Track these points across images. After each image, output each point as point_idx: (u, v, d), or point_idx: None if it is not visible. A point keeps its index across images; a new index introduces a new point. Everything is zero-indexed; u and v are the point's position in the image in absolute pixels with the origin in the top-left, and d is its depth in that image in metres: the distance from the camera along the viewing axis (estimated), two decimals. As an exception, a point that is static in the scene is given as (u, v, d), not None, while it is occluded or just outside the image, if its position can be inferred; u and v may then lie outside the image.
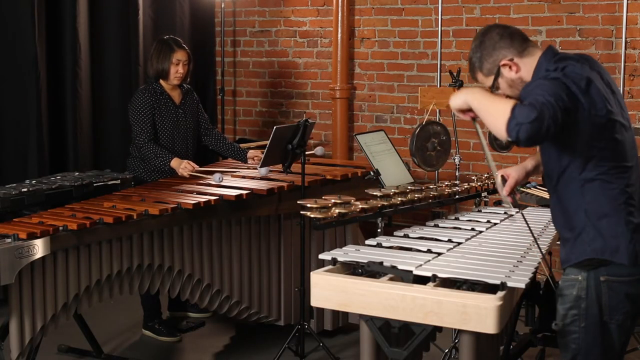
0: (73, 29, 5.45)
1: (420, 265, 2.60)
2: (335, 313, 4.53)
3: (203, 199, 3.88)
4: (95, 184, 4.14)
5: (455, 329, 3.28)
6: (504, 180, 2.74)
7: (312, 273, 2.58)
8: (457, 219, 3.47)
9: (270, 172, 4.48)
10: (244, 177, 4.47)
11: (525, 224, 2.76)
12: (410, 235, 3.12)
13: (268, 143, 4.08)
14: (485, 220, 3.42)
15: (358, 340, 2.59)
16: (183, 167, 4.40)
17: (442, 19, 5.69)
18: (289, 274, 4.43)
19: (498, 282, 2.43)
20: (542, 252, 2.75)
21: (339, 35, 6.12)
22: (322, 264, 3.52)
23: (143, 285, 3.79)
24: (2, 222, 3.45)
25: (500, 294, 2.34)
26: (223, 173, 4.40)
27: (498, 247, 2.93)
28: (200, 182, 4.30)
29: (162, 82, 4.56)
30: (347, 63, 6.18)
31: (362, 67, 6.23)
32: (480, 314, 2.30)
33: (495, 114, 2.35)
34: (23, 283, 3.26)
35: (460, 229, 3.26)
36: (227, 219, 4.10)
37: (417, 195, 3.46)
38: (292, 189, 4.22)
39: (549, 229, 3.26)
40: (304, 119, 4.14)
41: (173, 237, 3.86)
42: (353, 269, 2.67)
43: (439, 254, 2.79)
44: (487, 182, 3.86)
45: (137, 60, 5.85)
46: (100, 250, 3.54)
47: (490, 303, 2.30)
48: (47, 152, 5.26)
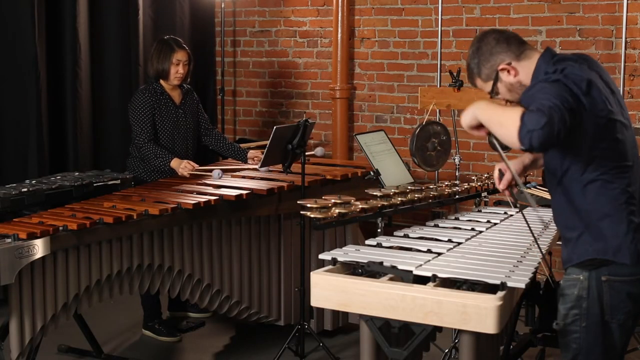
0: (73, 29, 5.45)
1: (420, 265, 2.60)
2: (335, 313, 4.53)
3: (203, 199, 3.88)
4: (95, 184, 4.14)
5: (455, 329, 3.28)
6: (501, 175, 2.75)
7: (312, 273, 2.58)
8: (457, 219, 3.47)
9: (270, 171, 4.48)
10: (244, 177, 4.47)
11: (526, 224, 2.76)
12: (410, 235, 3.12)
13: (268, 143, 4.08)
14: (485, 220, 3.41)
15: (358, 340, 2.59)
16: (183, 167, 4.40)
17: (442, 19, 5.69)
18: (289, 274, 4.43)
19: (498, 282, 2.43)
20: (542, 251, 2.75)
21: (339, 35, 6.12)
22: (322, 264, 3.52)
23: (143, 285, 3.79)
24: (2, 222, 3.45)
25: (500, 294, 2.34)
26: (223, 172, 4.40)
27: (498, 247, 2.93)
28: (200, 182, 4.30)
29: (162, 82, 4.56)
30: (347, 63, 6.18)
31: (362, 67, 6.23)
32: (480, 314, 2.30)
33: (505, 124, 2.33)
34: (23, 283, 3.26)
35: (460, 229, 3.26)
36: (227, 219, 4.10)
37: (417, 195, 3.46)
38: (292, 189, 4.22)
39: (549, 229, 3.26)
40: (304, 119, 4.14)
41: (173, 237, 3.86)
42: (353, 269, 2.67)
43: (439, 254, 2.79)
44: (487, 182, 3.86)
45: (137, 60, 5.85)
46: (100, 250, 3.54)
47: (490, 303, 2.30)
48: (47, 152, 5.26)
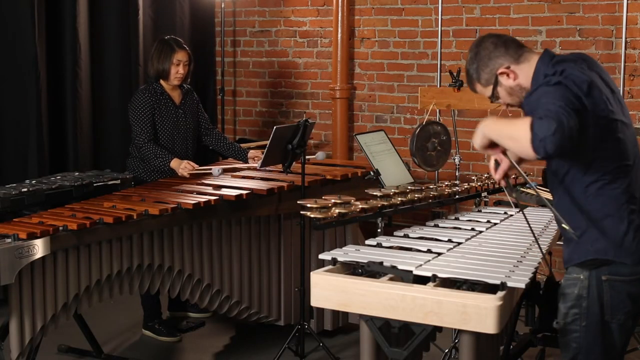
0: (73, 29, 5.45)
1: (420, 265, 2.60)
2: (335, 313, 4.53)
3: (203, 199, 3.88)
4: (95, 184, 4.14)
5: (455, 329, 3.28)
6: (497, 165, 2.75)
7: (312, 273, 2.58)
8: (457, 219, 3.47)
9: (270, 171, 4.49)
10: (244, 177, 4.47)
11: (526, 223, 2.76)
12: (410, 235, 3.12)
13: (268, 143, 4.09)
14: (485, 220, 3.41)
15: (358, 340, 2.59)
16: (183, 167, 4.40)
17: (442, 19, 5.69)
18: (289, 274, 4.43)
19: (498, 282, 2.43)
20: (542, 251, 2.75)
21: (339, 35, 6.12)
22: (322, 264, 3.52)
23: (143, 285, 3.79)
24: (2, 222, 3.45)
25: (500, 294, 2.33)
26: (223, 170, 4.40)
27: (498, 247, 2.93)
28: (200, 182, 4.30)
29: (162, 82, 4.56)
30: (347, 63, 6.18)
31: (362, 67, 6.23)
32: (480, 314, 2.30)
33: (516, 137, 2.32)
34: (23, 283, 3.26)
35: (460, 229, 3.26)
36: (227, 219, 4.10)
37: (417, 195, 3.46)
38: (292, 189, 4.22)
39: (549, 229, 3.26)
40: (304, 119, 4.14)
41: (173, 237, 3.86)
42: (353, 269, 2.67)
43: (439, 254, 2.79)
44: (487, 182, 3.86)
45: (137, 60, 5.85)
46: (100, 250, 3.54)
47: (490, 303, 2.30)
48: (47, 152, 5.26)
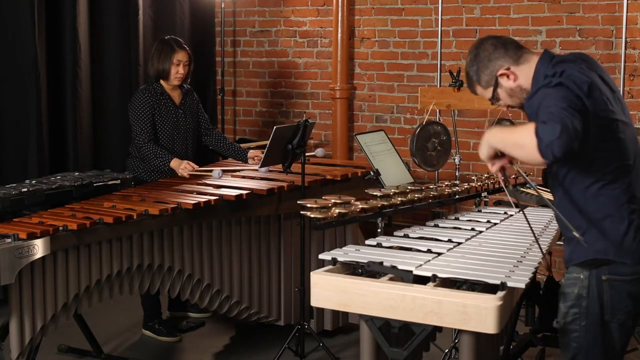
0: (73, 29, 5.45)
1: (420, 265, 2.60)
2: (335, 313, 4.53)
3: (203, 199, 3.88)
4: (95, 184, 4.14)
5: (455, 329, 3.28)
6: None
7: (312, 273, 2.58)
8: (457, 219, 3.47)
9: (270, 171, 4.49)
10: (244, 177, 4.47)
11: (527, 223, 2.76)
12: (410, 235, 3.12)
13: (268, 143, 4.08)
14: (485, 220, 3.42)
15: (358, 340, 2.59)
16: (183, 167, 4.40)
17: (442, 19, 5.69)
18: (289, 274, 4.43)
19: (498, 282, 2.43)
20: (542, 251, 2.75)
21: (339, 35, 6.12)
22: (322, 264, 3.52)
23: (143, 285, 3.79)
24: (2, 222, 3.45)
25: (500, 294, 2.34)
26: (223, 172, 4.40)
27: (498, 247, 2.93)
28: (200, 181, 4.31)
29: (162, 82, 4.56)
30: (347, 63, 6.18)
31: (362, 67, 6.23)
32: (480, 314, 2.30)
33: (522, 144, 2.32)
34: (23, 283, 3.26)
35: (460, 229, 3.26)
36: (227, 219, 4.10)
37: (417, 195, 3.46)
38: (292, 189, 4.22)
39: (549, 229, 3.26)
40: (304, 119, 4.14)
41: (173, 237, 3.86)
42: (353, 269, 2.67)
43: (439, 254, 2.79)
44: (487, 182, 3.86)
45: (137, 60, 5.85)
46: (100, 250, 3.54)
47: (490, 303, 2.30)
48: (47, 152, 5.26)
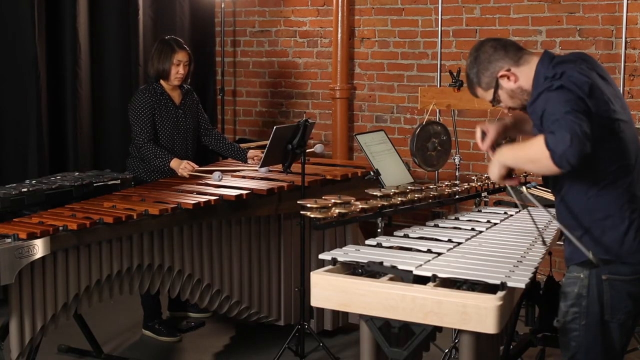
0: (73, 29, 5.45)
1: (420, 265, 2.60)
2: (335, 313, 4.53)
3: (203, 199, 3.88)
4: (95, 184, 4.14)
5: (455, 329, 3.28)
6: (484, 135, 2.75)
7: (312, 273, 2.58)
8: (457, 219, 3.47)
9: (270, 171, 4.49)
10: (244, 177, 4.47)
11: (530, 219, 2.76)
12: (410, 235, 3.12)
13: (268, 143, 4.08)
14: (485, 220, 3.41)
15: (358, 340, 2.59)
16: (183, 167, 4.40)
17: (442, 19, 5.69)
18: (289, 274, 4.43)
19: (498, 282, 2.43)
20: (545, 243, 2.73)
21: (339, 35, 6.12)
22: (322, 264, 3.52)
23: (143, 285, 3.79)
24: (2, 222, 3.45)
25: (500, 294, 2.33)
26: (223, 172, 4.40)
27: (498, 247, 2.93)
28: (200, 181, 4.31)
29: (162, 82, 4.56)
30: (347, 63, 6.18)
31: (362, 67, 6.23)
32: (480, 314, 2.30)
33: (535, 159, 2.33)
34: (23, 283, 3.26)
35: (460, 229, 3.26)
36: (227, 219, 4.10)
37: (417, 195, 3.46)
38: (292, 189, 4.22)
39: (550, 229, 3.26)
40: (304, 119, 4.14)
41: (173, 237, 3.86)
42: (353, 269, 2.67)
43: (439, 254, 2.79)
44: (487, 182, 3.86)
45: (137, 60, 5.85)
46: (100, 250, 3.54)
47: (490, 303, 2.30)
48: (47, 152, 5.26)
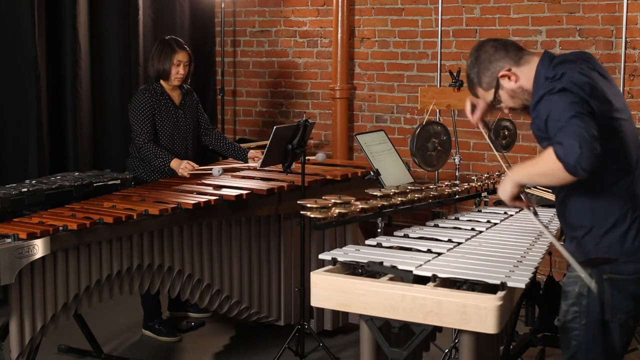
0: (73, 29, 5.45)
1: (420, 265, 2.60)
2: (335, 313, 4.53)
3: (203, 199, 3.88)
4: (95, 184, 4.13)
5: (455, 329, 3.28)
6: (474, 108, 2.75)
7: (312, 273, 2.58)
8: (457, 219, 3.47)
9: (270, 171, 4.49)
10: (244, 177, 4.47)
11: (534, 217, 2.75)
12: (410, 235, 3.12)
13: (268, 143, 4.08)
14: (485, 220, 3.41)
15: (358, 340, 2.59)
16: (183, 167, 4.40)
17: (442, 19, 5.69)
18: (289, 274, 4.43)
19: (498, 282, 2.43)
20: (552, 235, 2.72)
21: (339, 35, 6.12)
22: (322, 264, 3.52)
23: (143, 285, 3.79)
24: (2, 222, 3.45)
25: (500, 294, 2.33)
26: (223, 169, 4.40)
27: (498, 247, 2.93)
28: (200, 182, 4.30)
29: (162, 82, 4.56)
30: (347, 63, 6.18)
31: (362, 67, 6.23)
32: (480, 314, 2.30)
33: (549, 172, 2.35)
34: (23, 283, 3.26)
35: (460, 229, 3.26)
36: (227, 219, 4.10)
37: (417, 195, 3.46)
38: (292, 189, 4.22)
39: (550, 229, 3.25)
40: (304, 119, 4.14)
41: (173, 237, 3.86)
42: (353, 269, 2.67)
43: (439, 254, 2.79)
44: (487, 182, 3.86)
45: (137, 60, 5.85)
46: (100, 250, 3.54)
47: (490, 303, 2.30)
48: (47, 152, 5.26)
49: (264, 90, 6.77)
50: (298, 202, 3.25)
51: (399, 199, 3.38)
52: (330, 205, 3.08)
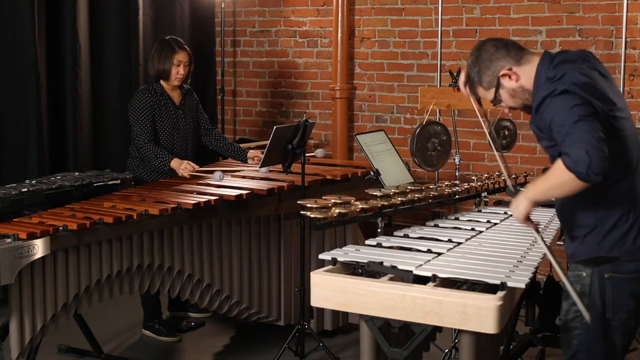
0: (73, 29, 5.45)
1: (420, 265, 2.60)
2: (335, 313, 4.53)
3: (203, 199, 3.88)
4: (95, 184, 4.13)
5: (455, 329, 3.28)
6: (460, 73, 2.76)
7: (312, 273, 2.58)
8: (457, 219, 3.47)
9: (270, 172, 4.49)
10: (244, 177, 4.47)
11: (540, 239, 2.74)
12: (410, 235, 3.12)
13: (268, 143, 4.08)
14: (485, 220, 3.42)
15: (358, 340, 2.59)
16: (183, 167, 4.40)
17: (442, 19, 5.69)
18: (289, 274, 4.43)
19: (498, 282, 2.43)
20: (554, 257, 2.73)
21: (339, 35, 6.12)
22: (322, 264, 3.52)
23: (143, 285, 3.79)
24: (2, 222, 3.45)
25: (500, 294, 2.34)
26: (223, 172, 4.40)
27: (498, 247, 2.93)
28: (200, 181, 4.31)
29: (162, 82, 4.56)
30: (347, 63, 6.18)
31: (362, 67, 6.23)
32: (480, 314, 2.30)
33: (562, 185, 2.36)
34: (23, 283, 3.26)
35: (460, 229, 3.26)
36: (227, 219, 4.10)
37: (417, 195, 3.46)
38: (292, 189, 4.22)
39: (549, 229, 3.26)
40: (304, 119, 4.14)
41: (173, 237, 3.86)
42: (353, 269, 2.67)
43: (439, 254, 2.79)
44: (487, 182, 3.86)
45: (137, 60, 5.85)
46: (100, 250, 3.54)
47: (490, 303, 2.30)
48: (47, 152, 5.26)
49: (264, 90, 6.77)
50: (298, 202, 3.25)
51: (399, 199, 3.38)
52: (330, 205, 3.08)
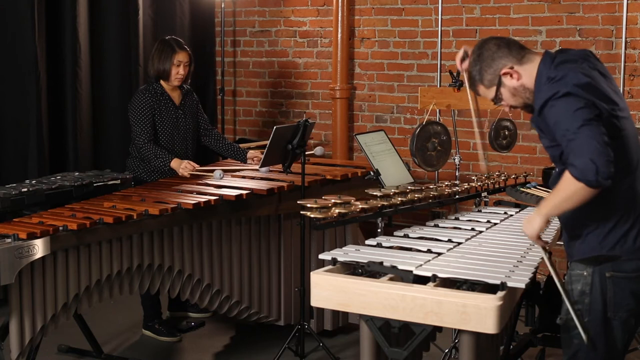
0: (73, 29, 5.45)
1: (420, 265, 2.60)
2: (335, 313, 4.53)
3: (203, 199, 3.88)
4: (95, 184, 4.13)
5: (455, 329, 3.28)
6: (466, 55, 2.75)
7: (312, 273, 2.58)
8: (457, 219, 3.47)
9: (270, 171, 4.49)
10: (244, 177, 4.47)
11: (547, 258, 2.74)
12: (410, 235, 3.13)
13: (268, 143, 4.09)
14: (485, 220, 3.42)
15: (358, 340, 2.59)
16: (183, 167, 4.40)
17: (442, 19, 5.69)
18: (289, 274, 4.43)
19: (498, 282, 2.44)
20: (557, 276, 2.73)
21: (339, 35, 6.12)
22: (322, 264, 3.52)
23: (143, 285, 3.79)
24: (2, 222, 3.45)
25: (500, 294, 2.34)
26: (223, 172, 4.40)
27: (498, 247, 2.93)
28: (200, 182, 4.31)
29: (162, 82, 4.56)
30: (347, 63, 6.18)
31: (362, 67, 6.23)
32: (480, 314, 2.31)
33: (572, 195, 2.36)
34: (23, 283, 3.26)
35: (460, 229, 3.26)
36: (227, 219, 4.10)
37: (417, 195, 3.46)
38: (292, 189, 4.22)
39: (549, 230, 3.26)
40: (304, 119, 4.14)
41: (173, 237, 3.86)
42: (353, 269, 2.67)
43: (439, 254, 2.79)
44: (487, 182, 3.86)
45: (137, 60, 5.85)
46: (100, 250, 3.54)
47: (490, 303, 2.30)
48: (47, 152, 5.26)
49: (264, 90, 6.77)
50: (298, 202, 3.25)
51: (399, 199, 3.38)
52: (330, 205, 3.08)
